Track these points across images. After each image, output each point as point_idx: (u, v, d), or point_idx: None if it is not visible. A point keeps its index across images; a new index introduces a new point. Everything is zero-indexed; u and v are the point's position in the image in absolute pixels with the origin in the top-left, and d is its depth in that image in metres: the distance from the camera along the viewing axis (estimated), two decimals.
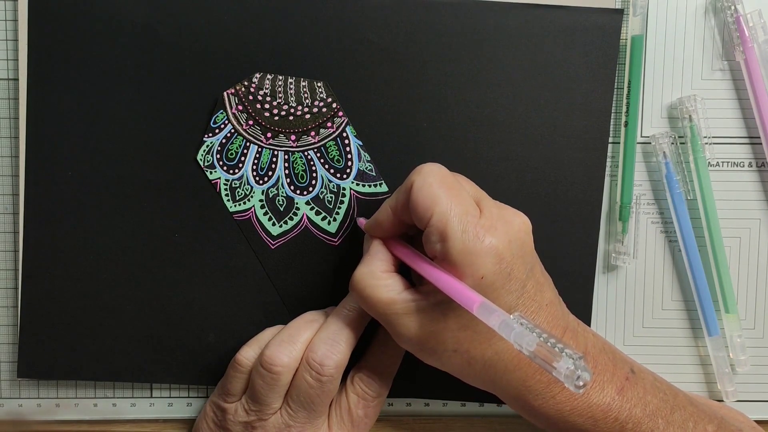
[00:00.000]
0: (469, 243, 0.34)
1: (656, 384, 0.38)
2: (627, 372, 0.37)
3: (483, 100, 0.42)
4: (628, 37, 0.43)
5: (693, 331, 0.45)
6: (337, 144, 0.42)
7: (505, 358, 0.36)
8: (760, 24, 0.43)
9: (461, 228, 0.34)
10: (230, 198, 0.43)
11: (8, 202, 0.44)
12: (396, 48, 0.42)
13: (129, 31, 0.42)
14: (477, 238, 0.34)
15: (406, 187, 0.37)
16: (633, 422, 0.36)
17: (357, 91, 0.42)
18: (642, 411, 0.36)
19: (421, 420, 0.46)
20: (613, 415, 0.36)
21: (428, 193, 0.35)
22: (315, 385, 0.39)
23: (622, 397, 0.36)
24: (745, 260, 0.45)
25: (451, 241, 0.34)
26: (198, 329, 0.44)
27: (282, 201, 0.43)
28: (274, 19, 0.42)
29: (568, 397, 0.36)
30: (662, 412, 0.36)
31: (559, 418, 0.36)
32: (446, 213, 0.35)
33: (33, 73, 0.42)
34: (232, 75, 0.42)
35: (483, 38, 0.42)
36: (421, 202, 0.35)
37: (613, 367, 0.37)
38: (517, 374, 0.36)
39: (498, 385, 0.37)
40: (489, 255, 0.34)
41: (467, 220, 0.35)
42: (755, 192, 0.44)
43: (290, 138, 0.42)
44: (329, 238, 0.43)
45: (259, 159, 0.42)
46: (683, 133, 0.44)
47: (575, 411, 0.36)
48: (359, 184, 0.43)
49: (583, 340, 0.37)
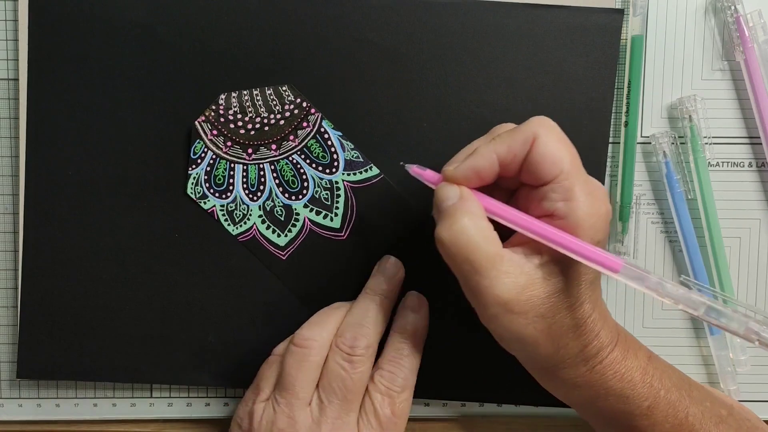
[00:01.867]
0: (593, 206, 0.34)
1: (670, 365, 0.39)
2: (647, 349, 0.38)
3: (483, 100, 0.42)
4: (628, 37, 0.43)
5: (694, 331, 0.45)
6: (317, 141, 0.42)
7: (580, 323, 0.36)
8: (760, 24, 0.43)
9: (587, 190, 0.35)
10: (230, 222, 0.43)
11: (8, 202, 0.44)
12: (396, 48, 0.42)
13: (129, 31, 0.42)
14: (599, 201, 0.35)
15: (524, 137, 0.35)
16: (665, 389, 0.37)
17: (357, 91, 0.42)
18: (669, 381, 0.37)
19: (421, 420, 0.46)
20: (648, 380, 0.36)
21: (556, 148, 0.34)
22: (347, 367, 0.38)
23: (652, 365, 0.37)
24: (745, 260, 0.45)
25: (578, 201, 0.34)
26: (198, 329, 0.44)
27: (280, 211, 0.43)
28: (274, 19, 0.42)
29: (612, 362, 0.36)
30: (684, 386, 0.38)
31: (601, 385, 0.36)
32: (574, 172, 0.35)
33: (33, 73, 0.42)
34: (232, 75, 0.42)
35: (483, 38, 0.42)
36: (550, 157, 0.34)
37: (637, 342, 0.38)
38: (581, 340, 0.36)
39: (556, 354, 0.36)
40: (606, 220, 0.35)
41: (588, 181, 0.35)
42: (755, 192, 0.44)
43: (271, 148, 0.42)
44: (335, 234, 0.43)
45: (247, 176, 0.42)
46: (683, 133, 0.44)
47: (617, 375, 0.36)
48: (350, 173, 0.43)
49: (612, 321, 0.38)
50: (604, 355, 0.36)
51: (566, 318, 0.35)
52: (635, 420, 0.37)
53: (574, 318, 0.35)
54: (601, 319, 0.36)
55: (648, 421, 0.36)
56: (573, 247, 0.34)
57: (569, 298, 0.35)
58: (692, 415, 0.37)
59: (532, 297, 0.35)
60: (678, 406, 0.37)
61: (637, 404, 0.36)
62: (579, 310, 0.36)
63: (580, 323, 0.36)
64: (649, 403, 0.36)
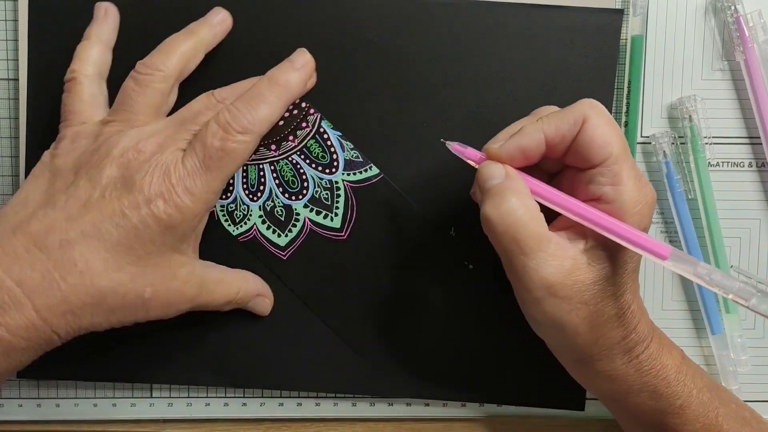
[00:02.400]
0: (641, 191, 0.34)
1: (699, 367, 0.39)
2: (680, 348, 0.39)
3: (483, 100, 0.42)
4: (628, 37, 0.43)
5: (695, 331, 0.45)
6: (317, 141, 0.42)
7: (620, 313, 0.35)
8: (760, 24, 0.43)
9: (635, 174, 0.35)
10: (230, 222, 0.43)
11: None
12: (396, 48, 0.42)
13: (127, 33, 0.42)
14: (646, 187, 0.35)
15: (574, 118, 0.35)
16: (697, 389, 0.37)
17: (356, 91, 0.42)
18: (701, 381, 0.37)
19: (421, 420, 0.46)
20: (682, 379, 0.37)
21: (606, 132, 0.34)
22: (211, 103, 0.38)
23: (686, 364, 0.37)
24: (746, 260, 0.45)
25: (626, 186, 0.34)
26: (198, 329, 0.43)
27: (281, 211, 0.43)
28: (273, 19, 0.42)
29: (649, 357, 0.36)
30: (714, 388, 0.38)
31: (636, 380, 0.36)
32: (623, 156, 0.34)
33: (33, 73, 0.42)
34: (231, 76, 0.42)
35: (483, 38, 0.42)
36: (599, 140, 0.34)
37: (670, 340, 0.38)
38: (621, 331, 0.35)
39: (594, 344, 0.36)
40: (652, 207, 0.35)
41: (635, 167, 0.35)
42: (755, 192, 0.44)
43: (271, 148, 0.42)
44: (336, 234, 0.43)
45: (247, 177, 0.42)
46: (683, 133, 0.44)
47: (653, 371, 0.36)
48: (350, 173, 0.43)
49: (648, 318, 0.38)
50: (641, 348, 0.36)
51: (608, 306, 0.35)
52: (666, 418, 0.37)
53: (616, 307, 0.35)
54: (639, 311, 0.36)
55: (679, 419, 0.36)
56: (621, 232, 0.34)
57: (613, 286, 0.35)
58: (722, 415, 0.37)
59: (577, 282, 0.34)
60: (709, 406, 0.37)
61: (669, 402, 0.36)
62: (621, 299, 0.35)
63: (620, 313, 0.35)
64: (681, 401, 0.36)
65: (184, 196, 0.35)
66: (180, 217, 0.35)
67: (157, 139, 0.36)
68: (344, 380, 0.44)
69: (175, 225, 0.36)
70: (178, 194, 0.35)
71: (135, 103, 0.38)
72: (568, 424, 0.45)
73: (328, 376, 0.44)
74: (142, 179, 0.35)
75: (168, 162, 0.36)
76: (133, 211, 0.35)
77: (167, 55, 0.39)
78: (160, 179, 0.35)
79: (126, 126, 0.37)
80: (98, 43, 0.40)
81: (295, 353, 0.44)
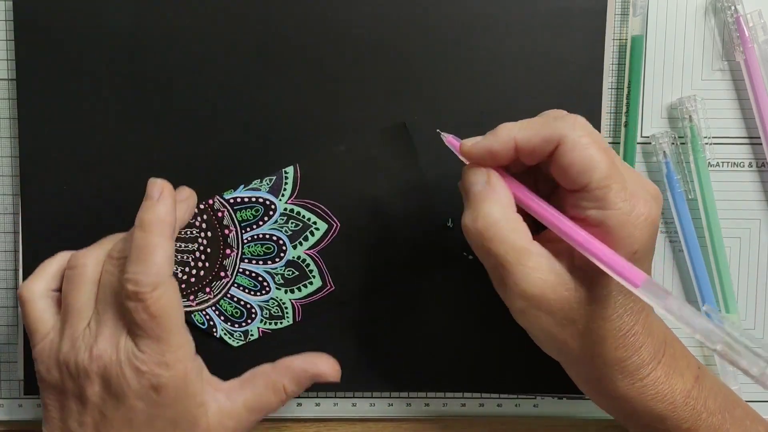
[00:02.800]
0: (630, 214, 0.32)
1: (717, 380, 0.38)
2: (698, 363, 0.37)
3: (473, 89, 0.42)
4: (628, 37, 0.43)
5: (689, 339, 0.45)
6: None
7: (617, 335, 0.34)
8: (760, 24, 0.43)
9: (622, 197, 0.32)
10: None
11: (8, 202, 0.44)
12: (384, 42, 0.42)
13: (115, 39, 0.42)
14: (635, 208, 0.32)
15: (547, 135, 0.33)
16: (707, 412, 0.35)
17: (347, 87, 0.42)
18: (713, 402, 0.36)
19: (421, 420, 0.46)
20: (692, 404, 0.35)
21: (585, 156, 0.32)
22: (117, 273, 0.36)
23: (699, 385, 0.36)
24: (745, 260, 0.45)
25: (612, 210, 0.32)
26: (199, 333, 0.43)
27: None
28: (260, 20, 0.42)
29: (654, 381, 0.35)
30: (728, 407, 0.36)
31: (639, 403, 0.35)
32: (609, 179, 0.32)
33: (22, 79, 0.42)
34: (219, 78, 0.42)
35: (469, 28, 0.42)
36: (577, 166, 0.32)
37: (687, 356, 0.37)
38: (618, 353, 0.34)
39: (591, 362, 0.35)
40: (645, 227, 0.32)
41: (625, 188, 0.32)
42: (755, 192, 0.44)
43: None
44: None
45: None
46: (683, 134, 0.44)
47: (658, 396, 0.35)
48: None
49: (663, 327, 0.36)
50: (645, 372, 0.35)
51: (602, 328, 0.34)
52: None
53: (613, 329, 0.34)
54: (644, 333, 0.35)
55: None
56: (595, 252, 0.32)
57: (605, 309, 0.33)
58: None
59: (562, 298, 0.33)
60: (719, 429, 0.35)
61: (676, 425, 0.35)
62: (618, 321, 0.34)
63: (618, 335, 0.34)
64: (689, 425, 0.35)
65: (162, 372, 0.36)
66: (174, 384, 0.36)
67: (104, 337, 0.36)
68: (344, 380, 0.44)
69: (179, 391, 0.36)
70: (156, 375, 0.35)
71: (75, 301, 0.37)
72: (568, 424, 0.45)
73: None
74: (121, 384, 0.35)
75: (129, 356, 0.35)
76: (141, 414, 0.36)
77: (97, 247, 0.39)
78: (135, 375, 0.35)
79: (72, 332, 0.37)
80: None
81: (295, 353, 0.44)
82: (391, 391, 0.44)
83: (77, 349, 0.36)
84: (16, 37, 0.42)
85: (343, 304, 0.43)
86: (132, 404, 0.36)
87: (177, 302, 0.36)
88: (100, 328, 0.36)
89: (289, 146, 0.43)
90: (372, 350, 0.44)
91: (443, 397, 0.45)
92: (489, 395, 0.45)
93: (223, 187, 0.43)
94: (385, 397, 0.45)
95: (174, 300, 0.36)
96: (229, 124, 0.43)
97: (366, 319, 0.43)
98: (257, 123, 0.43)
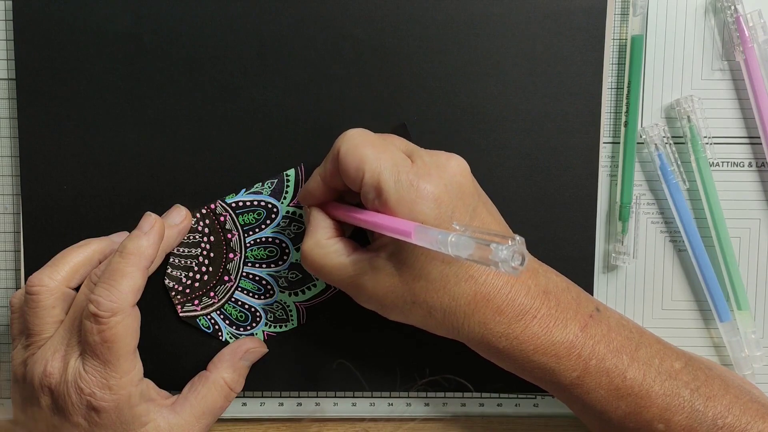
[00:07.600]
0: (403, 192, 0.35)
1: (622, 322, 0.38)
2: (591, 310, 0.38)
3: (472, 89, 0.42)
4: (628, 37, 0.43)
5: (704, 321, 0.45)
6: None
7: (462, 302, 0.36)
8: (760, 24, 0.43)
9: (394, 178, 0.35)
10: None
11: (8, 202, 0.44)
12: (382, 42, 0.42)
13: (114, 40, 0.42)
14: (411, 185, 0.35)
15: (333, 155, 0.37)
16: (596, 358, 0.36)
17: (345, 88, 0.42)
18: (606, 347, 0.37)
19: (421, 420, 0.46)
20: (576, 352, 0.36)
21: (355, 155, 0.36)
22: None
23: (586, 333, 0.37)
24: (746, 260, 0.45)
25: (386, 193, 0.35)
26: (197, 331, 0.44)
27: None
28: (259, 21, 0.42)
29: (530, 336, 0.36)
30: (627, 348, 0.37)
31: (524, 359, 0.37)
32: (377, 168, 0.35)
33: (22, 79, 0.42)
34: (218, 79, 0.42)
35: (469, 28, 0.42)
36: (351, 165, 0.36)
37: (576, 305, 0.37)
38: (477, 317, 0.36)
39: (462, 332, 0.37)
40: (426, 201, 0.35)
41: (399, 170, 0.35)
42: (755, 192, 0.44)
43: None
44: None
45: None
46: (683, 133, 0.44)
47: (539, 350, 0.36)
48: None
49: (543, 280, 0.37)
50: (518, 329, 0.36)
51: (444, 299, 0.36)
52: (566, 390, 0.37)
53: (454, 298, 0.36)
54: (500, 294, 0.36)
55: (580, 390, 0.37)
56: (369, 219, 0.35)
57: (433, 283, 0.36)
58: (630, 378, 0.36)
59: (391, 288, 0.36)
60: (612, 373, 0.36)
61: (564, 376, 0.36)
62: (454, 289, 0.36)
63: (462, 300, 0.36)
64: (577, 373, 0.36)
65: (104, 395, 0.37)
66: (116, 407, 0.37)
67: (59, 355, 0.38)
68: (347, 380, 0.44)
69: (121, 413, 0.37)
70: (98, 399, 0.37)
71: (31, 325, 0.39)
72: (568, 424, 0.45)
73: (328, 376, 0.44)
74: (65, 402, 0.37)
75: (75, 376, 0.37)
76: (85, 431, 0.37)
77: (53, 268, 0.40)
78: (77, 395, 0.37)
79: (33, 347, 0.39)
80: None
81: (295, 353, 0.44)
82: (392, 391, 0.44)
83: (35, 363, 0.38)
84: (16, 37, 0.42)
85: (348, 305, 0.43)
86: (76, 421, 0.37)
87: (133, 331, 0.38)
88: (57, 346, 0.38)
89: (290, 148, 0.43)
90: (375, 351, 0.44)
91: (443, 397, 0.45)
92: (489, 395, 0.45)
93: (224, 189, 0.43)
94: (385, 397, 0.45)
95: (130, 329, 0.37)
96: (230, 126, 0.43)
97: (370, 321, 0.43)
98: (258, 124, 0.43)
